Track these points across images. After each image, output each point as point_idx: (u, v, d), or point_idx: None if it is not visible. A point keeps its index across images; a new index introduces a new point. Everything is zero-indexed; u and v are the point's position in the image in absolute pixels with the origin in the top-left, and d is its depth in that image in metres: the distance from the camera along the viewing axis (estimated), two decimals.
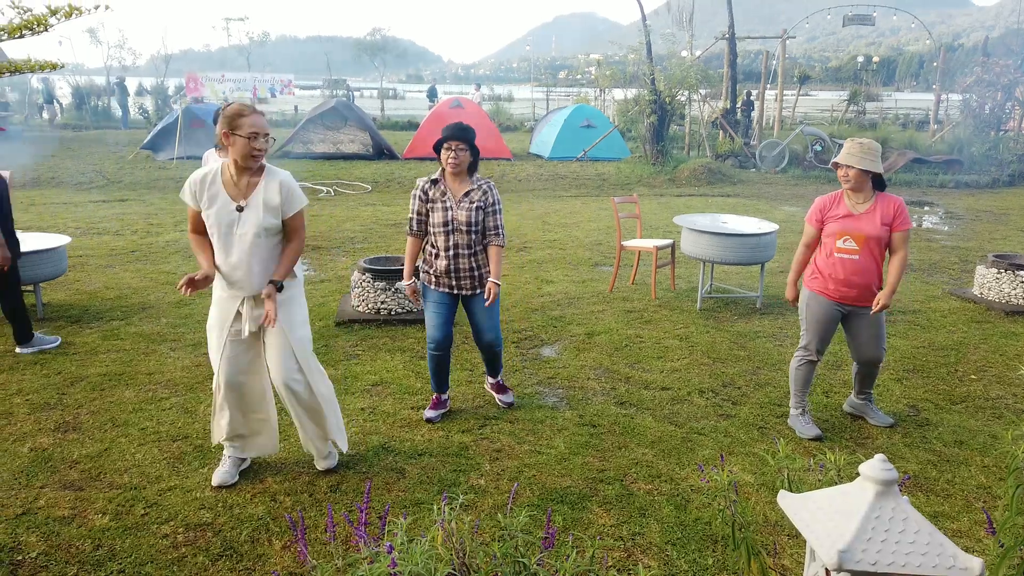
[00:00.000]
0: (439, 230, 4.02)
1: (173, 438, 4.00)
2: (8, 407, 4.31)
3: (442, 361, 4.23)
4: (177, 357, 5.17)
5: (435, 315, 4.15)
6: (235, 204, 3.26)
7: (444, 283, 4.11)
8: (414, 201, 4.10)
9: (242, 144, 3.19)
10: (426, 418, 4.25)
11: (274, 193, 3.29)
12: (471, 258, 4.06)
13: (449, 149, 3.96)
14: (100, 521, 3.22)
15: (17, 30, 2.35)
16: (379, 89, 33.55)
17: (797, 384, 4.25)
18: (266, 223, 3.27)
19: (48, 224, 9.36)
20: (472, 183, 4.07)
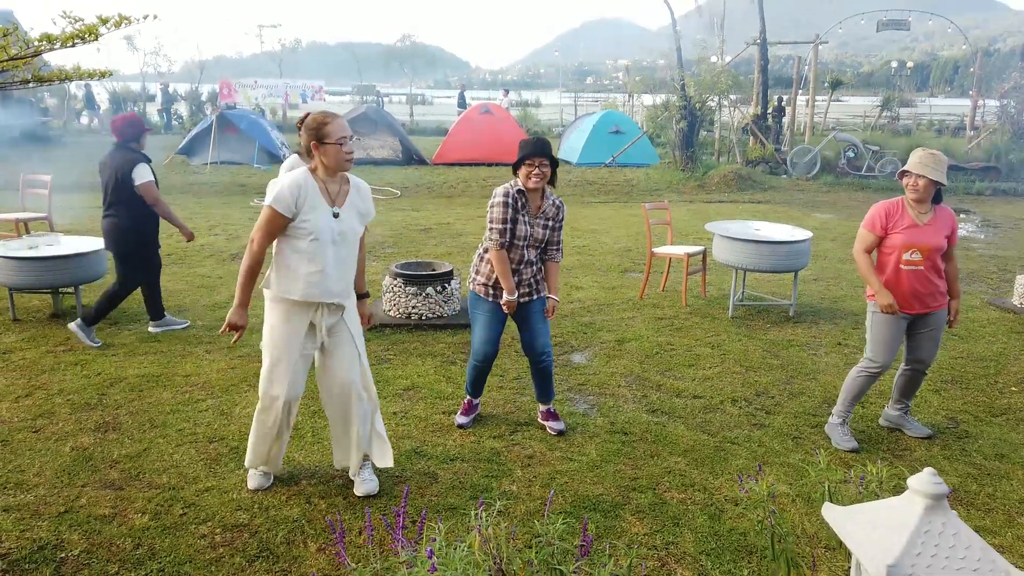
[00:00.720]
0: (518, 243, 3.98)
1: (210, 439, 4.06)
2: (50, 407, 4.41)
3: (484, 372, 4.24)
4: (213, 360, 5.24)
5: (487, 328, 4.09)
6: (332, 211, 3.26)
7: (500, 295, 4.06)
8: (506, 209, 3.87)
9: (334, 151, 3.18)
10: (458, 424, 4.26)
11: (362, 200, 3.38)
12: (532, 267, 4.08)
13: (532, 166, 3.86)
14: (140, 520, 3.28)
15: (70, 39, 2.41)
16: (407, 95, 33.84)
17: (849, 394, 4.18)
18: (359, 230, 3.37)
19: (87, 228, 9.54)
20: (547, 199, 4.04)
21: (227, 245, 9.01)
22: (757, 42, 17.51)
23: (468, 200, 13.27)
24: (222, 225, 10.29)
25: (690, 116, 15.37)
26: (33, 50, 2.51)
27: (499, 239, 3.89)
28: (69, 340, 5.55)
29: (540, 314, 4.16)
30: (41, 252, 5.84)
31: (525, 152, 3.87)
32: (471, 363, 4.23)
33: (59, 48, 2.60)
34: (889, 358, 4.08)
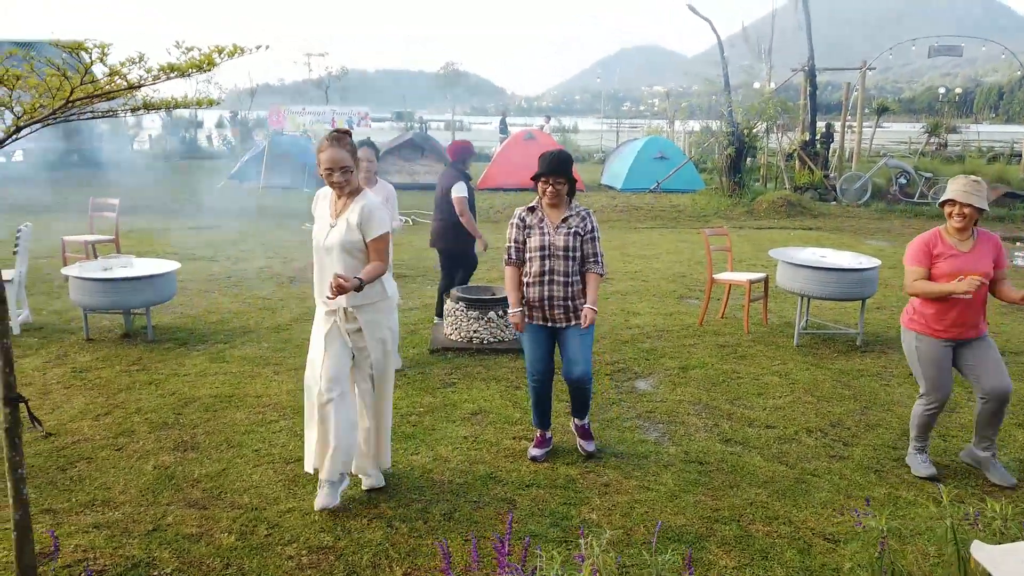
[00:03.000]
0: (535, 255, 4.03)
1: (286, 460, 4.09)
2: (130, 425, 4.50)
3: (543, 393, 4.20)
4: (281, 381, 5.31)
5: (533, 348, 4.14)
6: (329, 221, 3.52)
7: (538, 316, 4.09)
8: (511, 229, 4.13)
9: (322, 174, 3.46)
10: (531, 456, 4.19)
11: (355, 213, 3.44)
12: (566, 286, 4.02)
13: (547, 183, 4.00)
14: (227, 540, 3.30)
15: (189, 68, 2.49)
16: (447, 121, 34.25)
17: (918, 429, 4.09)
18: (346, 240, 3.44)
19: (147, 249, 9.80)
20: (570, 210, 4.09)
21: (284, 268, 9.16)
22: (804, 68, 17.41)
23: None
24: (276, 248, 10.48)
25: (738, 142, 15.29)
26: (151, 78, 2.60)
27: (505, 257, 4.18)
28: (141, 359, 5.67)
29: (579, 340, 4.08)
30: (115, 273, 6.00)
31: (540, 170, 4.02)
32: (529, 385, 4.24)
33: (175, 78, 2.68)
34: (943, 391, 3.98)
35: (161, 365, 5.56)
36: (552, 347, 4.17)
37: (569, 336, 4.07)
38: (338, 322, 3.55)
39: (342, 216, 3.48)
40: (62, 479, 3.82)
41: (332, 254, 3.47)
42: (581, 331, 4.06)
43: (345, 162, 3.37)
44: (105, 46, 2.33)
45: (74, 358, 5.67)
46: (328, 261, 3.49)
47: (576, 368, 4.05)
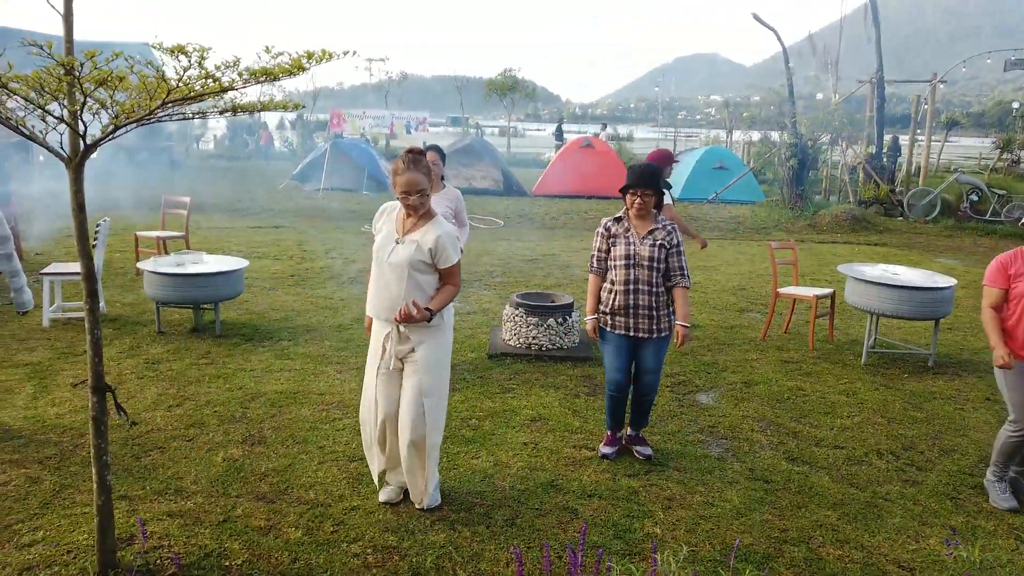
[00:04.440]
0: (620, 263, 4.07)
1: (350, 458, 4.15)
2: (200, 417, 4.62)
3: (621, 402, 4.24)
4: (344, 380, 5.39)
5: (615, 358, 4.17)
6: (395, 237, 3.46)
7: (620, 324, 4.11)
8: (597, 238, 4.20)
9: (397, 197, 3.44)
10: (602, 454, 4.25)
11: (430, 241, 3.40)
12: (650, 296, 4.05)
13: (635, 195, 4.07)
14: (294, 535, 3.36)
15: (280, 72, 2.54)
16: (502, 127, 34.37)
17: (1001, 455, 3.93)
18: (414, 259, 3.38)
19: (214, 246, 10.08)
20: (656, 223, 4.12)
21: (344, 268, 9.31)
22: (872, 80, 16.97)
23: (570, 232, 13.30)
24: (337, 249, 10.66)
25: (801, 153, 14.97)
26: (242, 82, 2.67)
27: (589, 265, 4.25)
28: (210, 353, 5.83)
29: (654, 354, 4.15)
30: (187, 269, 6.18)
31: (628, 182, 4.12)
32: (607, 392, 4.28)
33: (264, 82, 2.75)
34: None
35: (229, 360, 5.70)
36: (632, 358, 4.19)
37: (648, 347, 4.12)
38: (390, 340, 3.48)
39: (410, 236, 3.42)
40: (137, 467, 3.94)
41: (396, 271, 3.40)
42: (659, 344, 4.10)
43: (421, 185, 3.33)
44: (204, 50, 2.41)
45: (146, 350, 5.86)
46: (391, 277, 3.42)
47: (647, 376, 4.13)
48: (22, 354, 5.63)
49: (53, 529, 3.31)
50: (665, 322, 4.11)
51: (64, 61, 2.32)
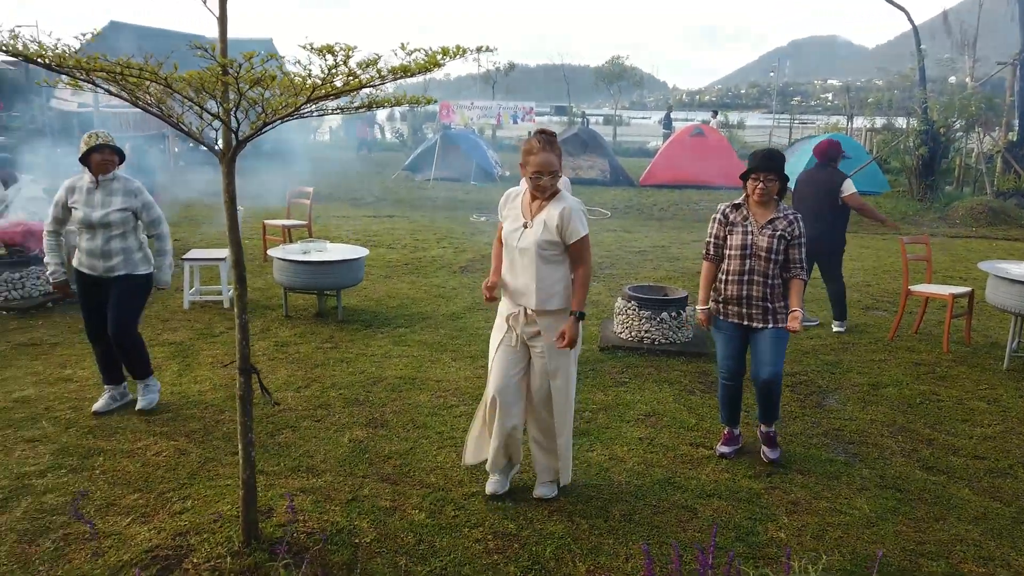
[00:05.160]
0: (736, 253, 3.96)
1: None
2: (326, 399, 4.85)
3: (734, 392, 4.13)
4: (459, 367, 5.51)
5: (726, 345, 4.10)
6: (523, 221, 3.47)
7: (733, 311, 4.02)
8: (713, 224, 4.09)
9: (528, 179, 3.42)
10: (720, 453, 4.17)
11: (555, 216, 3.39)
12: (764, 287, 3.92)
13: (757, 179, 3.92)
14: (418, 517, 3.48)
15: (417, 69, 2.61)
16: (607, 115, 33.98)
17: None
18: (541, 240, 3.39)
19: (332, 235, 10.51)
20: (778, 211, 3.97)
21: (456, 257, 9.51)
22: (1014, 62, 15.65)
23: (680, 223, 13.03)
24: (448, 238, 10.89)
25: (932, 142, 14.02)
26: (380, 79, 2.76)
27: (704, 252, 4.14)
28: (333, 338, 6.10)
29: (771, 343, 3.96)
30: (313, 257, 6.48)
31: (751, 165, 3.97)
32: (719, 382, 4.18)
33: (401, 78, 2.84)
34: None
35: (351, 344, 5.94)
36: (745, 346, 4.09)
37: (762, 337, 3.99)
38: (515, 323, 3.51)
39: (537, 217, 3.44)
40: (271, 444, 4.18)
41: (526, 255, 3.43)
42: (775, 334, 3.95)
43: (554, 166, 3.35)
44: (350, 49, 2.50)
45: (276, 333, 6.20)
46: (522, 262, 3.45)
47: (765, 369, 3.94)
48: (166, 334, 6.08)
49: (200, 499, 3.56)
50: (781, 313, 3.96)
51: (224, 63, 2.47)
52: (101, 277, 4.40)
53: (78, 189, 4.38)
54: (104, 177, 4.36)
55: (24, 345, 5.73)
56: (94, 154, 4.30)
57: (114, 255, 4.38)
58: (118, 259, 4.39)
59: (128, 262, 4.42)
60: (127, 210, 4.38)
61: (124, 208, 4.37)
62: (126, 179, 4.44)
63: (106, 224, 4.33)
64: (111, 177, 4.38)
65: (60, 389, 4.87)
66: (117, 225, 4.35)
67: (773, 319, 3.96)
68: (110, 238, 4.36)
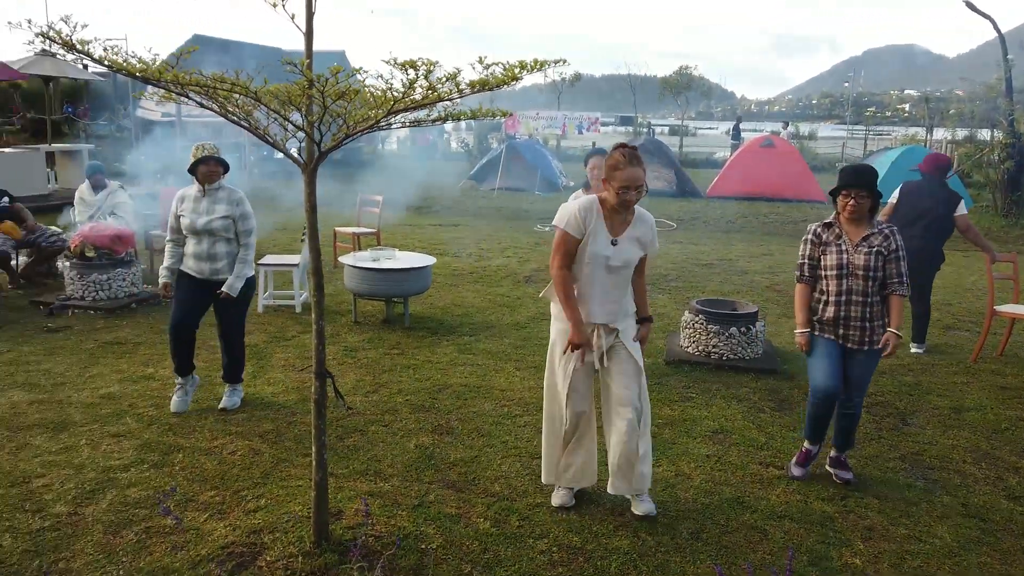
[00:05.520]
0: (831, 274, 3.84)
1: (531, 456, 4.24)
2: (393, 404, 4.93)
3: (827, 411, 3.93)
4: (523, 377, 5.52)
5: (822, 362, 3.88)
6: (611, 238, 3.45)
7: (829, 331, 3.90)
8: (805, 246, 3.97)
9: (613, 194, 3.39)
10: (792, 475, 4.05)
11: (646, 232, 3.48)
12: (864, 307, 3.80)
13: (848, 196, 3.80)
14: (483, 525, 3.49)
15: (496, 83, 2.65)
16: (672, 126, 33.63)
17: None
18: (631, 258, 3.47)
19: (399, 242, 10.67)
20: (872, 227, 3.84)
21: (520, 267, 9.55)
22: None
23: (748, 236, 12.77)
24: (512, 248, 10.95)
25: (1018, 155, 13.39)
26: (458, 92, 2.81)
27: (796, 274, 4.01)
28: (400, 344, 6.20)
29: (863, 367, 3.88)
30: (382, 264, 6.61)
31: (842, 181, 3.84)
32: (809, 400, 4.00)
33: (478, 91, 2.88)
34: None
35: (417, 351, 6.03)
36: (842, 364, 3.91)
37: (857, 360, 3.87)
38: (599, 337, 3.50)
39: (627, 234, 3.44)
40: (340, 447, 4.27)
41: (618, 273, 3.44)
42: (871, 356, 3.84)
43: (641, 180, 3.33)
44: (431, 63, 2.56)
45: (345, 338, 6.34)
46: (614, 280, 3.45)
47: (853, 391, 3.87)
48: None
49: (273, 498, 3.67)
50: (879, 333, 3.83)
51: (310, 77, 2.55)
52: (207, 280, 4.63)
53: (187, 198, 4.64)
54: (210, 186, 4.60)
55: (110, 344, 6.02)
56: (201, 165, 4.53)
57: (219, 259, 4.62)
58: (223, 263, 4.62)
59: (232, 265, 4.64)
60: (228, 217, 4.61)
61: (226, 216, 4.60)
62: (231, 189, 4.68)
63: (210, 230, 4.56)
64: (216, 186, 4.62)
65: (143, 387, 5.10)
66: (220, 231, 4.59)
67: (870, 340, 3.84)
68: (215, 243, 4.60)
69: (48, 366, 5.45)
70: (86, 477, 3.81)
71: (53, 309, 6.82)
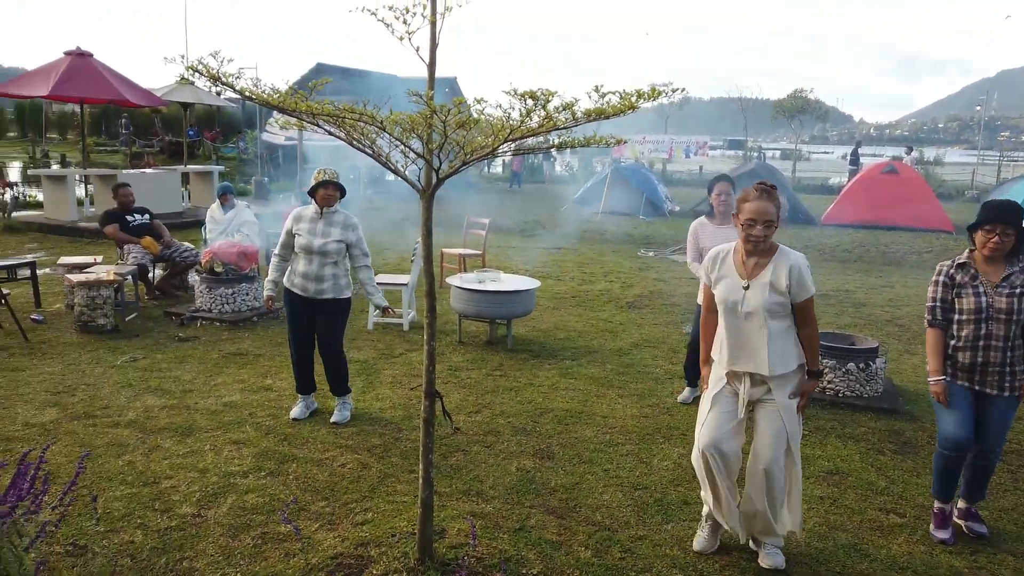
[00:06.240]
0: (968, 317, 3.56)
1: (634, 486, 4.17)
2: (495, 426, 4.98)
3: (957, 464, 3.64)
4: (625, 405, 5.45)
5: (955, 411, 3.61)
6: (742, 283, 3.29)
7: (964, 377, 3.63)
8: (936, 288, 3.70)
9: (740, 229, 3.27)
10: (939, 539, 3.68)
11: (782, 276, 3.22)
12: (1005, 352, 3.51)
13: (991, 232, 3.49)
14: (584, 554, 3.46)
15: (613, 112, 2.66)
16: (784, 149, 32.51)
17: None
18: (770, 303, 3.22)
19: (504, 265, 10.82)
20: (1012, 265, 3.54)
21: (623, 292, 9.46)
22: None
23: (866, 267, 12.15)
24: (615, 272, 10.87)
25: None
26: (575, 121, 2.85)
27: (927, 317, 3.76)
28: (502, 366, 6.26)
29: (1002, 414, 3.59)
30: (488, 286, 6.71)
31: (984, 216, 3.56)
32: (937, 452, 3.72)
33: (595, 120, 2.90)
34: None
35: (519, 374, 6.07)
36: (976, 413, 3.63)
37: (995, 405, 3.59)
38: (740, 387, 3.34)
39: (759, 277, 3.25)
40: (444, 466, 4.35)
41: (753, 319, 3.25)
42: (1010, 403, 3.57)
43: (770, 215, 3.18)
44: (550, 93, 2.60)
45: (449, 357, 6.47)
46: (749, 327, 3.26)
47: (989, 440, 3.61)
48: (352, 352, 6.52)
49: (379, 513, 3.77)
50: (1020, 378, 3.55)
51: (434, 108, 2.65)
52: (311, 298, 4.85)
53: (303, 218, 4.88)
54: (328, 209, 4.83)
55: (232, 355, 6.39)
56: (321, 189, 4.78)
57: (325, 279, 4.82)
58: (328, 283, 4.83)
59: (335, 286, 4.86)
60: (342, 241, 4.82)
61: (340, 240, 4.82)
62: (346, 214, 4.92)
63: (323, 252, 4.78)
64: (333, 210, 4.85)
65: (261, 397, 5.37)
66: (332, 254, 4.80)
67: (1011, 386, 3.56)
68: (324, 264, 4.81)
69: (178, 373, 5.84)
70: (209, 481, 4.05)
71: (184, 320, 7.32)
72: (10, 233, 12.64)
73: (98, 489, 3.90)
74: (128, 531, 3.52)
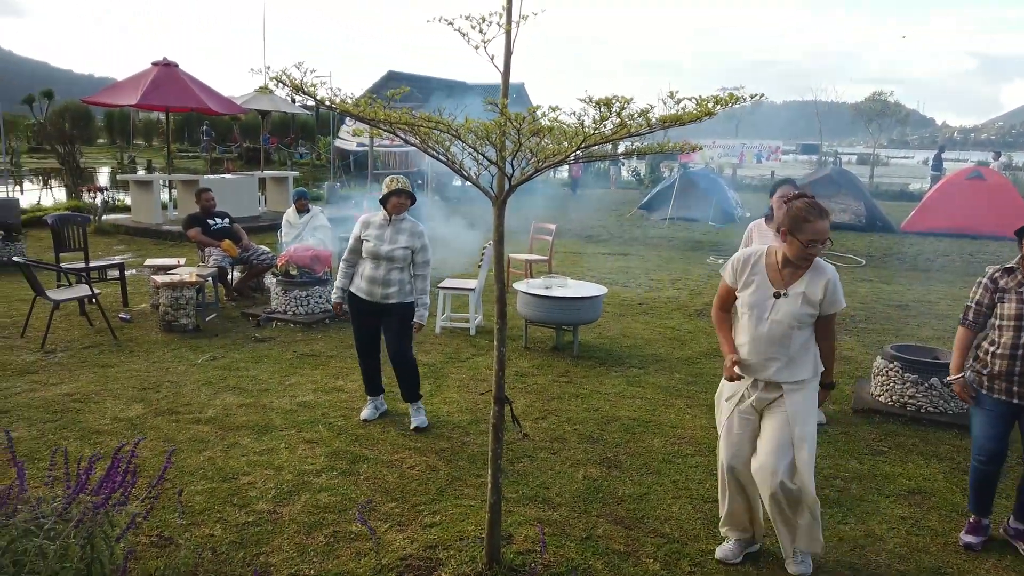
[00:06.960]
0: (1009, 324, 3.47)
1: (704, 499, 4.09)
2: (561, 432, 4.96)
3: (992, 477, 3.60)
4: (694, 415, 5.36)
5: (988, 423, 3.59)
6: (774, 291, 3.25)
7: (1001, 388, 3.51)
8: (978, 289, 3.67)
9: (798, 247, 3.19)
10: (964, 543, 3.69)
11: (818, 289, 3.20)
12: None
13: None
14: (652, 566, 3.41)
15: (689, 119, 2.62)
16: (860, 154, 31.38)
17: None
18: (799, 313, 3.19)
19: (570, 271, 10.80)
20: None
21: (691, 301, 9.30)
22: None
23: (951, 277, 11.61)
24: (683, 280, 10.71)
25: None
26: (649, 128, 2.82)
27: (961, 317, 3.72)
28: (568, 373, 6.24)
29: None
30: (555, 292, 6.70)
31: None
32: (972, 465, 3.67)
33: (671, 126, 2.87)
34: None
35: (585, 381, 6.04)
36: (1011, 426, 3.58)
37: None
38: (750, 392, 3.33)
39: (794, 287, 3.22)
40: (511, 471, 4.36)
41: (778, 327, 3.22)
42: None
43: (828, 234, 3.20)
44: (626, 100, 2.58)
45: (515, 363, 6.49)
46: (773, 333, 3.22)
47: None
48: (420, 355, 6.61)
49: (447, 516, 3.80)
50: None
51: (508, 116, 2.67)
52: (376, 303, 4.93)
53: (372, 224, 4.98)
54: (396, 217, 4.92)
55: (306, 355, 6.56)
56: (393, 197, 4.88)
57: (392, 284, 4.90)
58: (394, 288, 4.90)
59: (401, 292, 4.93)
60: (409, 248, 4.90)
61: (407, 247, 4.90)
62: (413, 221, 5.00)
63: (391, 258, 4.87)
64: (402, 218, 4.94)
65: (333, 397, 5.50)
66: (398, 260, 4.88)
67: None
68: (391, 270, 4.89)
69: (255, 373, 6.04)
70: (284, 478, 4.17)
71: (260, 321, 7.56)
72: (101, 235, 13.31)
73: (180, 483, 4.06)
74: (208, 525, 3.66)
